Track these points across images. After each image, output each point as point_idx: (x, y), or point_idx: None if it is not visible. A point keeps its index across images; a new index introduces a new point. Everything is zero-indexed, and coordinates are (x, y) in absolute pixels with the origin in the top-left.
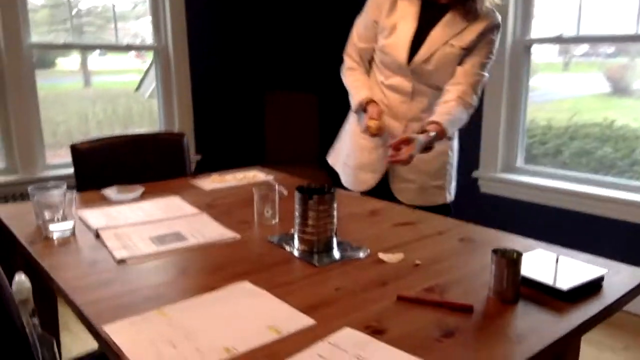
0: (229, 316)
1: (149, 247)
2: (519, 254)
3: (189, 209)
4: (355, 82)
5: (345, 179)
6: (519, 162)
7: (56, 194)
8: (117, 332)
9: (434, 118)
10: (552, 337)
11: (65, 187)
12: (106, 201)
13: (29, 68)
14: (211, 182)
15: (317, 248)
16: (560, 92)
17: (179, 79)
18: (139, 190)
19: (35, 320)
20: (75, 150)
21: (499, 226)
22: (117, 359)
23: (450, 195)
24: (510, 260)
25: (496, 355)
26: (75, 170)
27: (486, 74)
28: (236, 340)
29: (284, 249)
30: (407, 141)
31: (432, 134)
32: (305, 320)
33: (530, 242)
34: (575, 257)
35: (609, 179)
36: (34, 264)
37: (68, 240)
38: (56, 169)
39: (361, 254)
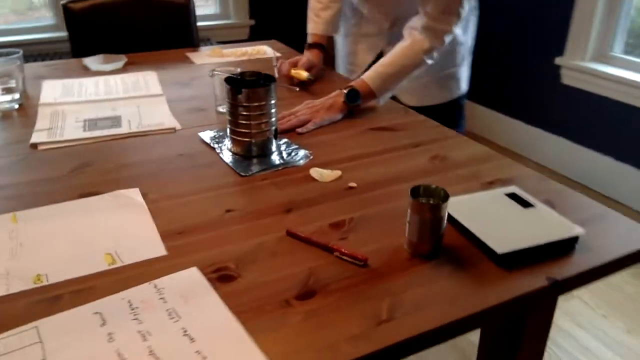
0: (75, 233)
1: (74, 133)
2: (445, 198)
3: (155, 88)
4: (314, 1)
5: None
6: (617, 50)
7: (6, 63)
8: None
9: (365, 77)
10: (441, 320)
11: (20, 54)
12: (86, 71)
13: None
14: (206, 57)
15: (249, 152)
16: None
17: None
18: (120, 61)
19: None
20: (68, 10)
21: (576, 127)
22: None
23: (465, 85)
24: (428, 205)
25: (338, 339)
26: (69, 34)
27: None
28: (56, 267)
29: (214, 149)
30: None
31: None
32: (156, 250)
33: (525, 170)
34: (566, 203)
35: None
36: None
37: (10, 115)
38: None
39: (299, 164)
